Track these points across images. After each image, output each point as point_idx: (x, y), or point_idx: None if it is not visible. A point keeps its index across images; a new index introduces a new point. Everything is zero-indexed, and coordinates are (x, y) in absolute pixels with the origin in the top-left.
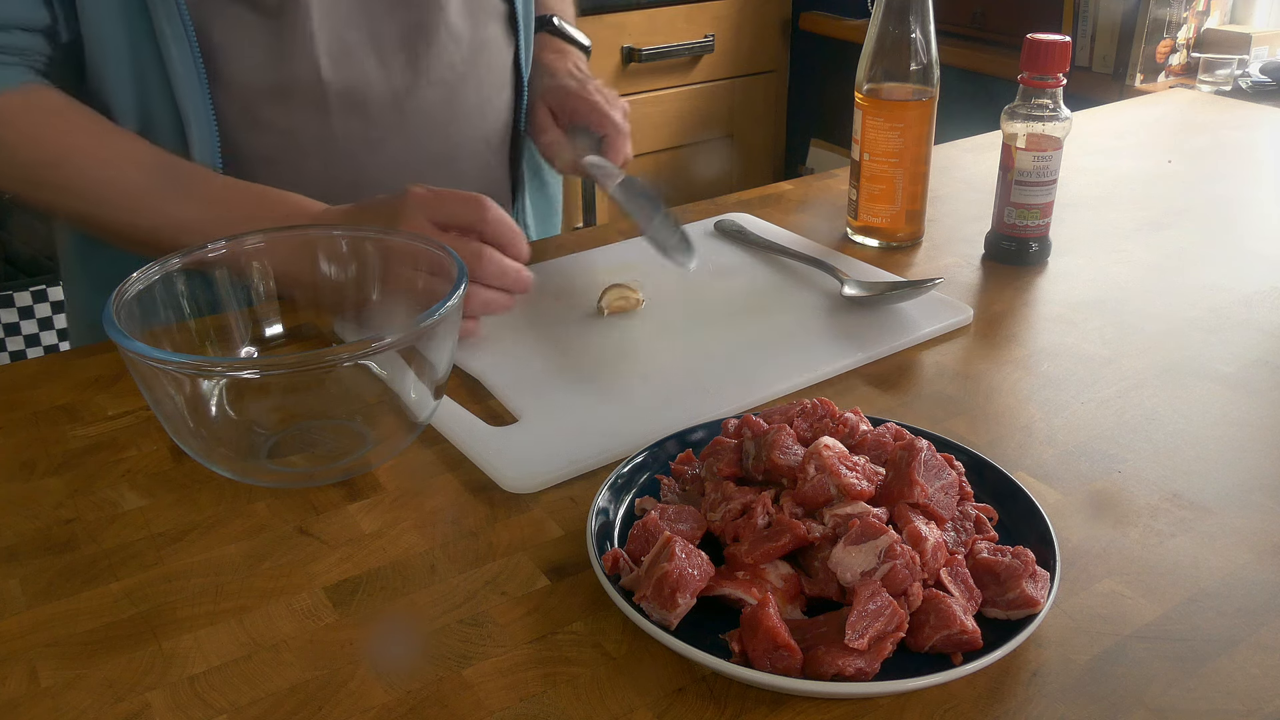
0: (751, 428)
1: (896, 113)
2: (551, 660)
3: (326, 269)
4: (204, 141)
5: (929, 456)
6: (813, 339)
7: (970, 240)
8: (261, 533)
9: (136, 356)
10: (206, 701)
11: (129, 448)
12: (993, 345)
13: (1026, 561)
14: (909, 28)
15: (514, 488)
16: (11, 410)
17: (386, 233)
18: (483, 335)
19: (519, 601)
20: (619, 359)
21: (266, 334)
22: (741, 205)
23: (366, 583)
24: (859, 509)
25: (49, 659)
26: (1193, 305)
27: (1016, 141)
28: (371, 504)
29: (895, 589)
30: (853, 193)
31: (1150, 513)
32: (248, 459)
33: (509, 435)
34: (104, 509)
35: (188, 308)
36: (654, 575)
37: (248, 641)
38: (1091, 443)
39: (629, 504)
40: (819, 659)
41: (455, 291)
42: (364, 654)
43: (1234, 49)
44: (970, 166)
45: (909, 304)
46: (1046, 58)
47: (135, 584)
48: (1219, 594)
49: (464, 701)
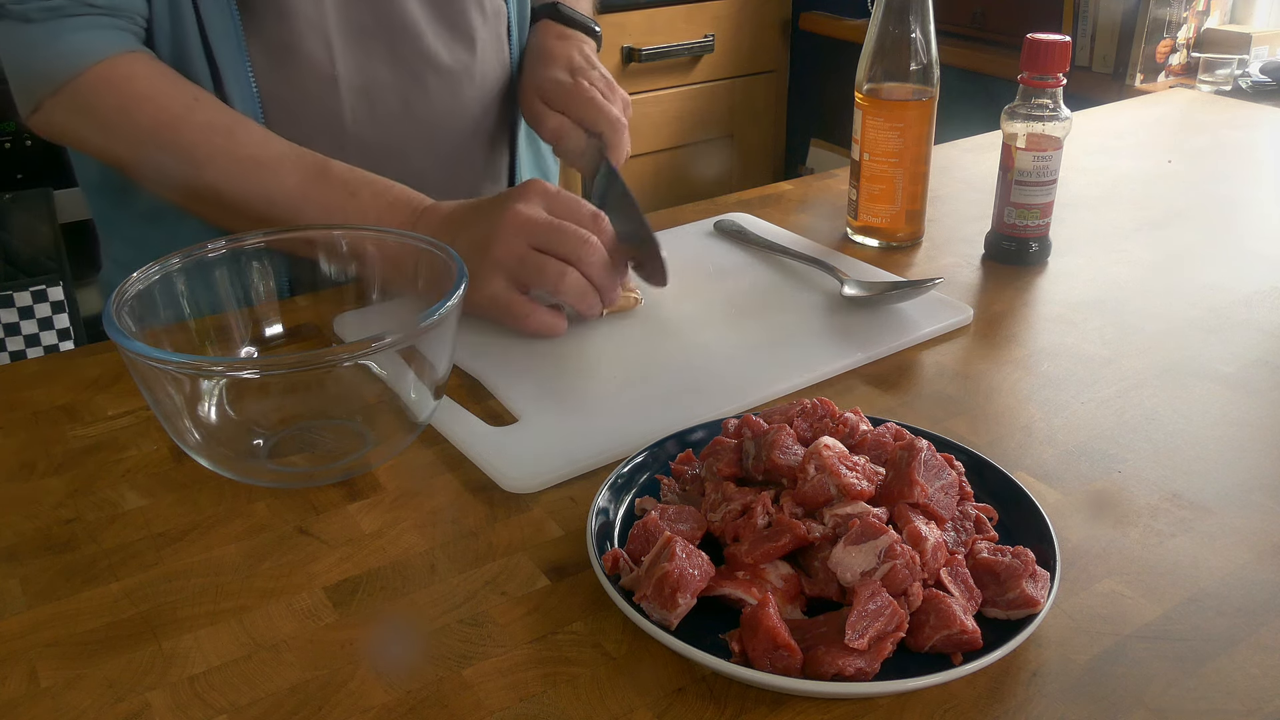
0: (751, 428)
1: (896, 113)
2: (551, 660)
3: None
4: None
5: (929, 456)
6: (813, 339)
7: (970, 240)
8: (261, 533)
9: (136, 356)
10: (206, 701)
11: (129, 448)
12: (993, 345)
13: (1026, 561)
14: (909, 28)
15: (514, 488)
16: (11, 410)
17: (386, 233)
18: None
19: (519, 601)
20: (619, 359)
21: (266, 334)
22: (741, 205)
23: (366, 583)
24: (859, 509)
25: (49, 659)
26: (1193, 305)
27: (1016, 141)
28: (371, 504)
29: (895, 589)
30: (853, 193)
31: (1150, 513)
32: (248, 459)
33: (509, 435)
34: (104, 509)
35: (188, 308)
36: (654, 575)
37: (248, 641)
38: (1091, 443)
39: (629, 504)
40: (819, 659)
41: (455, 291)
42: (364, 654)
43: (1234, 49)
44: (970, 166)
45: (909, 304)
46: (1046, 58)
47: (135, 584)
48: (1219, 594)
49: (464, 701)
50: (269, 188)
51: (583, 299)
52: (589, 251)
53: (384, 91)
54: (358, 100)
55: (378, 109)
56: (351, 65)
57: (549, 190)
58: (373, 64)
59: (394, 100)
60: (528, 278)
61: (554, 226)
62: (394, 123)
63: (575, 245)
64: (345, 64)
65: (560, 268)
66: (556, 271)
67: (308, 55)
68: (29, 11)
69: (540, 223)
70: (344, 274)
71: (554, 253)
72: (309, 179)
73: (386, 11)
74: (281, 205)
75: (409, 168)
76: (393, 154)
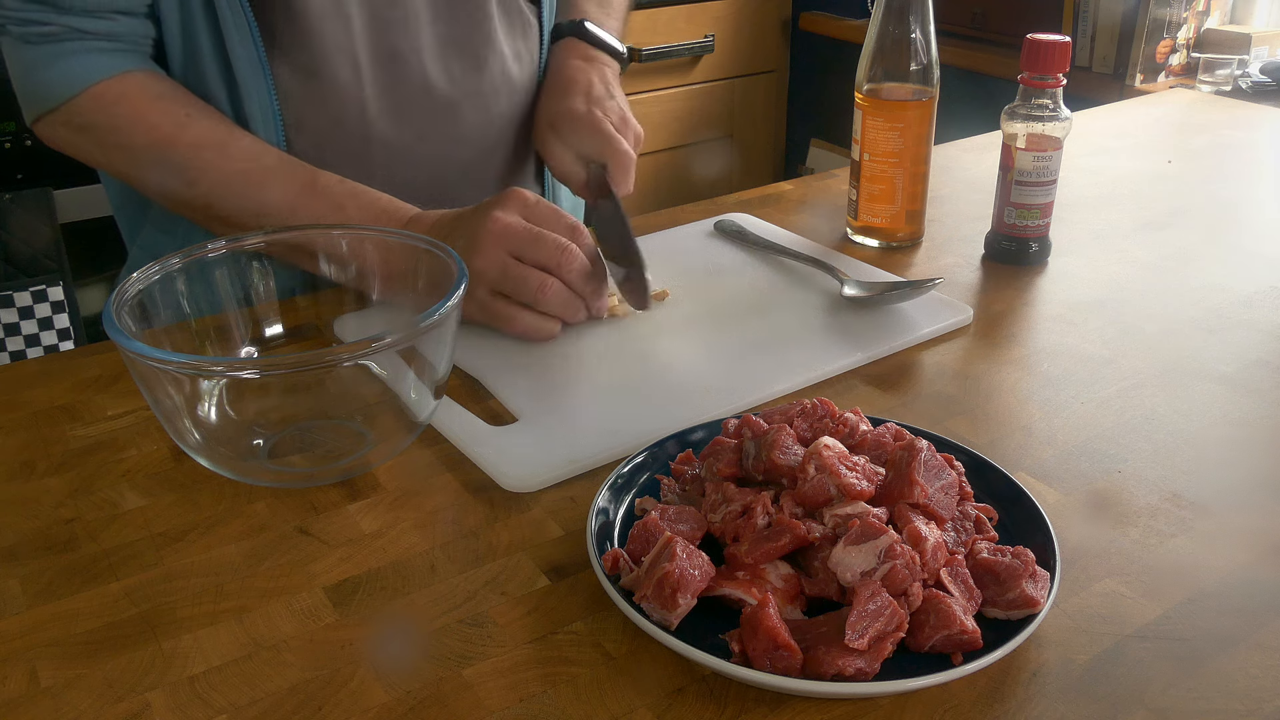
0: (751, 428)
1: (896, 113)
2: (551, 660)
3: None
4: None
5: (929, 456)
6: (813, 339)
7: (970, 240)
8: (261, 533)
9: (136, 356)
10: (206, 701)
11: (129, 448)
12: (993, 345)
13: (1026, 561)
14: (909, 28)
15: (514, 487)
16: (11, 410)
17: (386, 233)
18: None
19: (519, 601)
20: (619, 358)
21: (266, 334)
22: (741, 205)
23: (366, 583)
24: (859, 509)
25: (49, 659)
26: (1193, 305)
27: (1016, 141)
28: (371, 504)
29: (895, 589)
30: (853, 193)
31: (1150, 513)
32: (247, 459)
33: (509, 435)
34: (104, 509)
35: (188, 307)
36: (655, 575)
37: (248, 641)
38: (1091, 443)
39: (629, 504)
40: (819, 659)
41: (455, 291)
42: (364, 654)
43: (1234, 49)
44: (970, 166)
45: (909, 304)
46: (1046, 58)
47: (135, 584)
48: (1219, 594)
49: (464, 701)
50: (258, 201)
51: (565, 308)
52: (569, 259)
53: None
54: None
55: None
56: (378, 88)
57: (528, 199)
58: (398, 86)
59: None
60: (509, 288)
61: (533, 235)
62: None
63: (554, 253)
64: (373, 86)
65: (541, 278)
66: (538, 282)
67: (332, 78)
68: (27, 35)
69: (519, 231)
70: (344, 275)
71: (534, 261)
72: (297, 192)
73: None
74: (270, 218)
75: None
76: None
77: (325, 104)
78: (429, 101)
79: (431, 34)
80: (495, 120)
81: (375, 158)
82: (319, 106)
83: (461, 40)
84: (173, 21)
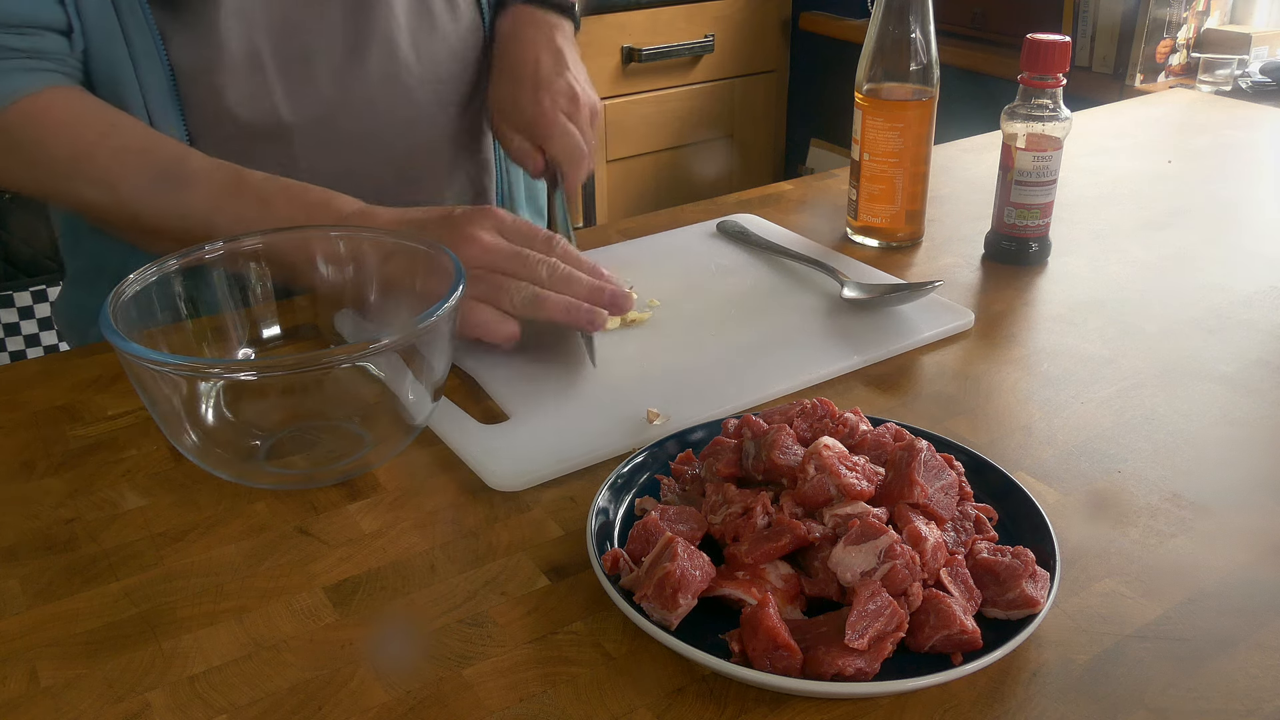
0: (751, 428)
1: (896, 113)
2: (551, 660)
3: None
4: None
5: (929, 456)
6: (813, 341)
7: (970, 240)
8: (261, 533)
9: (133, 358)
10: (206, 701)
11: (129, 448)
12: (993, 345)
13: (1026, 561)
14: (909, 28)
15: (500, 485)
16: (11, 410)
17: (385, 233)
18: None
19: (519, 601)
20: (619, 358)
21: (264, 335)
22: (742, 205)
23: (366, 583)
24: (859, 509)
25: (49, 659)
26: (1193, 305)
27: (1016, 141)
28: (371, 504)
29: (895, 589)
30: (853, 193)
31: (1150, 513)
32: (246, 461)
33: (498, 433)
34: (104, 509)
35: (185, 309)
36: (655, 575)
37: (248, 641)
38: (1091, 443)
39: (629, 504)
40: (819, 659)
41: (453, 292)
42: (364, 654)
43: (1234, 49)
44: (970, 166)
45: (909, 307)
46: (1046, 58)
47: (135, 584)
48: (1219, 594)
49: (464, 701)
50: (181, 203)
51: (570, 314)
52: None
53: (323, 99)
54: (296, 104)
55: (319, 122)
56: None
57: (503, 218)
58: (307, 73)
59: (336, 106)
60: (501, 304)
61: (517, 256)
62: (333, 132)
63: (537, 269)
64: (276, 65)
65: (534, 291)
66: (534, 298)
67: (233, 65)
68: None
69: (503, 251)
70: (341, 275)
71: (522, 279)
72: (221, 192)
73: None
74: (194, 220)
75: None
76: (341, 160)
77: (225, 93)
78: (340, 88)
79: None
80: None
81: (297, 152)
82: (218, 95)
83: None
84: (95, 31)
